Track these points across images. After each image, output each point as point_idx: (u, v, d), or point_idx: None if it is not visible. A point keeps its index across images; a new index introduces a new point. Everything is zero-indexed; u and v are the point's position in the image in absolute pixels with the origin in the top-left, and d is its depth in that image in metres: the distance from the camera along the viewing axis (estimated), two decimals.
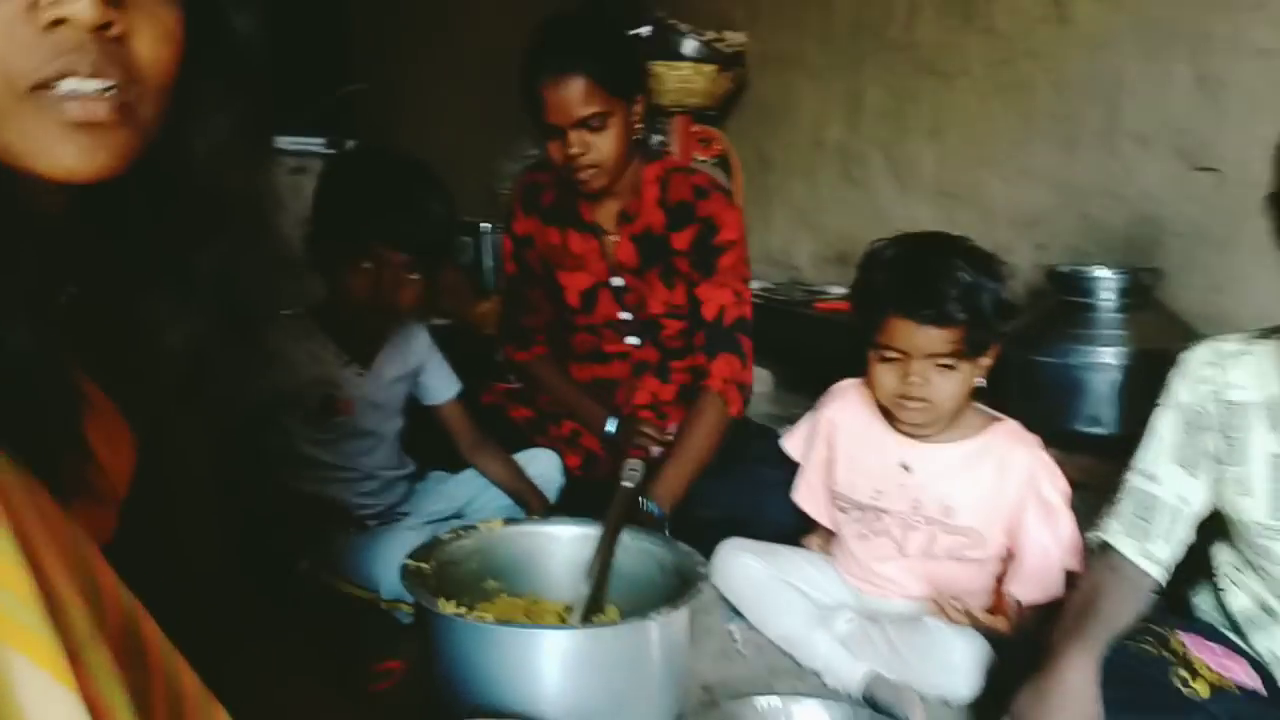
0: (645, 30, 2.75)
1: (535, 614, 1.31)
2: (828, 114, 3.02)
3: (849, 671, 1.27)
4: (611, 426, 1.90)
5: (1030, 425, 2.13)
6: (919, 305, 1.27)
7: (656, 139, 3.03)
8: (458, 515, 1.66)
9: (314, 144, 2.79)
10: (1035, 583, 1.31)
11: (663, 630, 1.08)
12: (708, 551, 1.64)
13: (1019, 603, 1.32)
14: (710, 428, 1.76)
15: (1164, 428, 1.15)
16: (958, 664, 1.25)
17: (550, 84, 1.67)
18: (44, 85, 0.59)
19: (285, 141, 2.74)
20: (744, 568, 1.42)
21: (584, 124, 1.68)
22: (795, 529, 1.61)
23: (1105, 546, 1.15)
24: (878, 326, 1.32)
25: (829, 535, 1.51)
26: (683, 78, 2.97)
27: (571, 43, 1.72)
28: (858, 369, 1.41)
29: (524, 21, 3.26)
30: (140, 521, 0.77)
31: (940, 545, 1.35)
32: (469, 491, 1.70)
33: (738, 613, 1.47)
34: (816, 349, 2.63)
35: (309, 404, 1.57)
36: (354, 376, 1.61)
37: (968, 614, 1.32)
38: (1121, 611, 1.10)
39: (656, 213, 1.87)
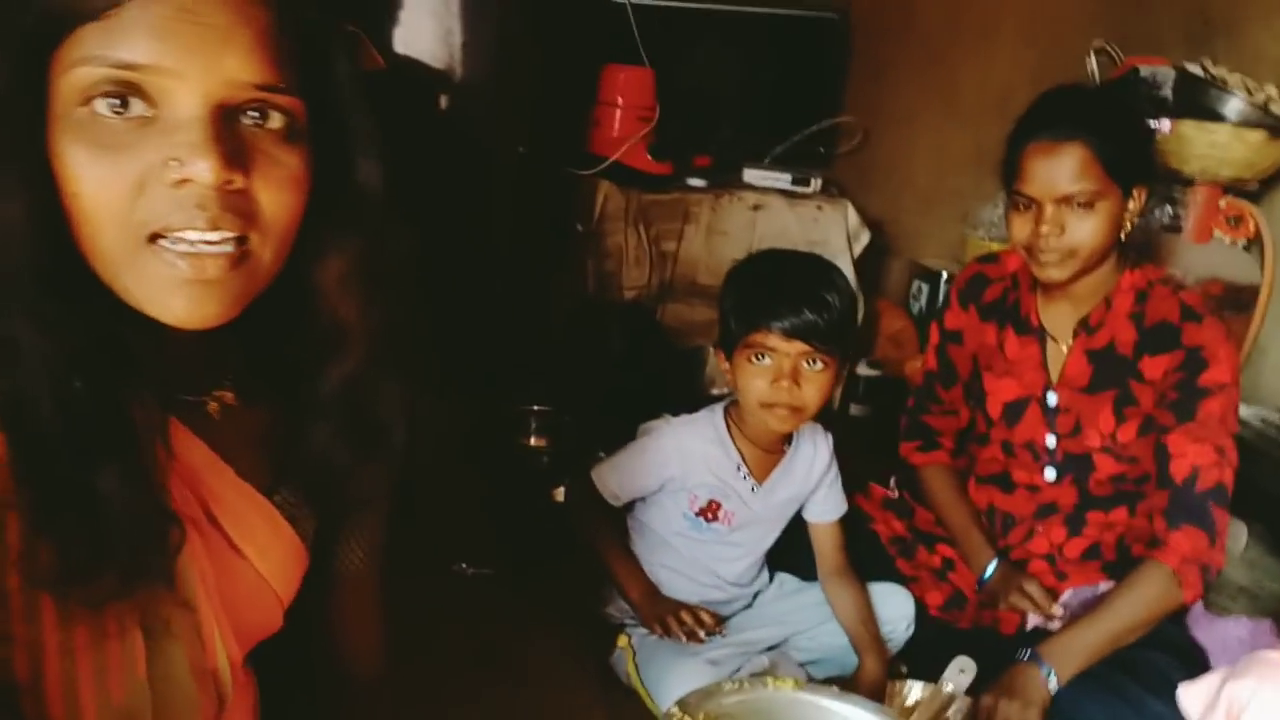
0: (1165, 126, 2.31)
1: None
2: None
3: None
4: (991, 569, 1.67)
5: None
6: None
7: (1168, 211, 2.56)
8: (782, 644, 1.58)
9: (778, 179, 2.79)
10: None
11: None
12: None
13: None
14: (1150, 604, 1.48)
15: None
16: None
17: (1039, 148, 1.49)
18: (162, 234, 0.62)
19: (751, 176, 2.80)
20: None
21: (1067, 201, 1.47)
22: None
23: None
24: None
25: None
26: (1216, 143, 2.43)
27: (1077, 108, 1.54)
28: None
29: (1033, 62, 2.96)
30: (303, 622, 0.83)
31: None
32: (807, 621, 1.60)
33: None
34: None
35: (695, 501, 1.57)
36: (745, 490, 1.57)
37: None
38: None
39: (1127, 328, 1.58)
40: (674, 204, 2.73)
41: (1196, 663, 1.48)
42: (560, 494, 1.96)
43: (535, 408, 2.33)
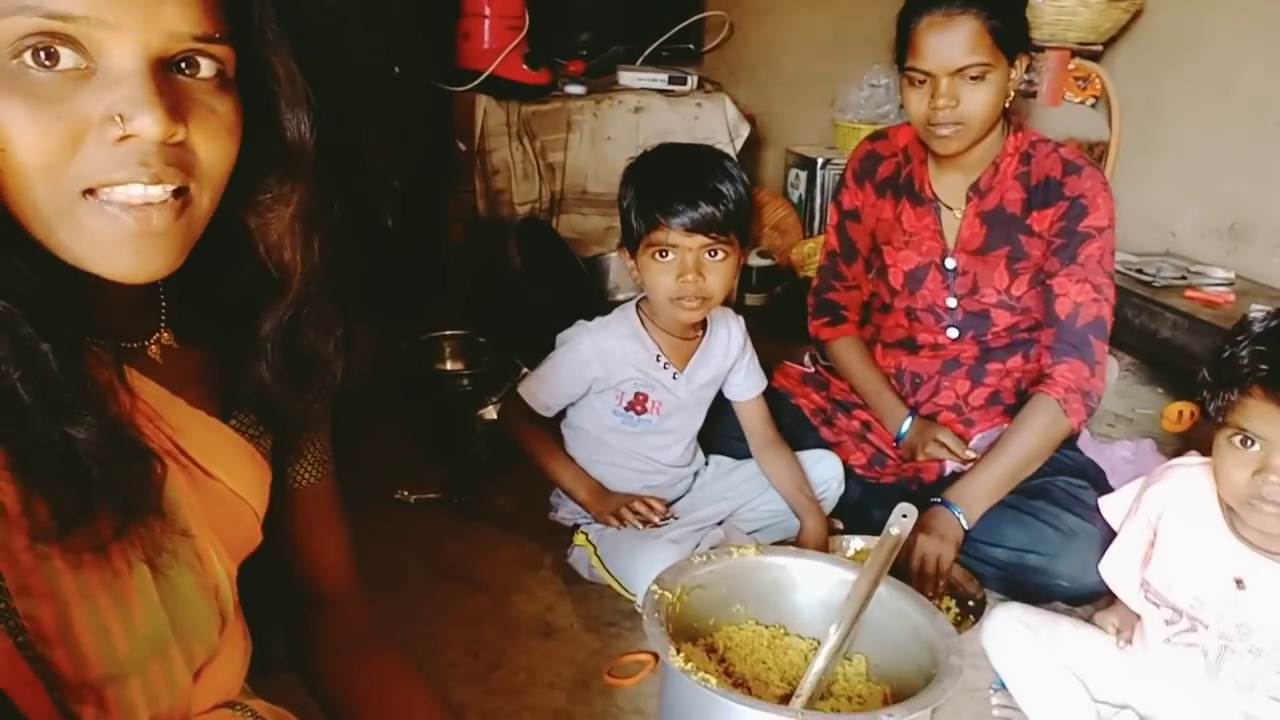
0: None
1: (778, 648, 1.30)
2: (1244, 53, 2.50)
3: None
4: (907, 426, 1.79)
5: None
6: None
7: (1024, 77, 2.70)
8: (729, 518, 1.67)
9: (655, 80, 2.80)
10: None
11: None
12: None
13: None
14: (1040, 435, 1.61)
15: None
16: None
17: (932, 23, 1.54)
18: (98, 189, 0.61)
19: (628, 79, 2.79)
20: (1018, 641, 1.29)
21: (960, 74, 1.54)
22: (1092, 595, 1.43)
23: None
24: (1234, 405, 1.10)
25: (1130, 619, 1.32)
26: (1064, 8, 2.59)
27: None
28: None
29: None
30: (275, 535, 0.86)
31: (1264, 683, 1.13)
32: (746, 493, 1.69)
33: None
34: (1180, 346, 2.27)
35: (622, 398, 1.61)
36: (668, 379, 1.62)
37: None
38: None
39: (1014, 188, 1.69)
40: (556, 113, 2.71)
41: (1099, 482, 1.64)
42: (491, 413, 1.97)
43: (447, 333, 2.32)
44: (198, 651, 0.74)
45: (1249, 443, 1.09)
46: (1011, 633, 1.30)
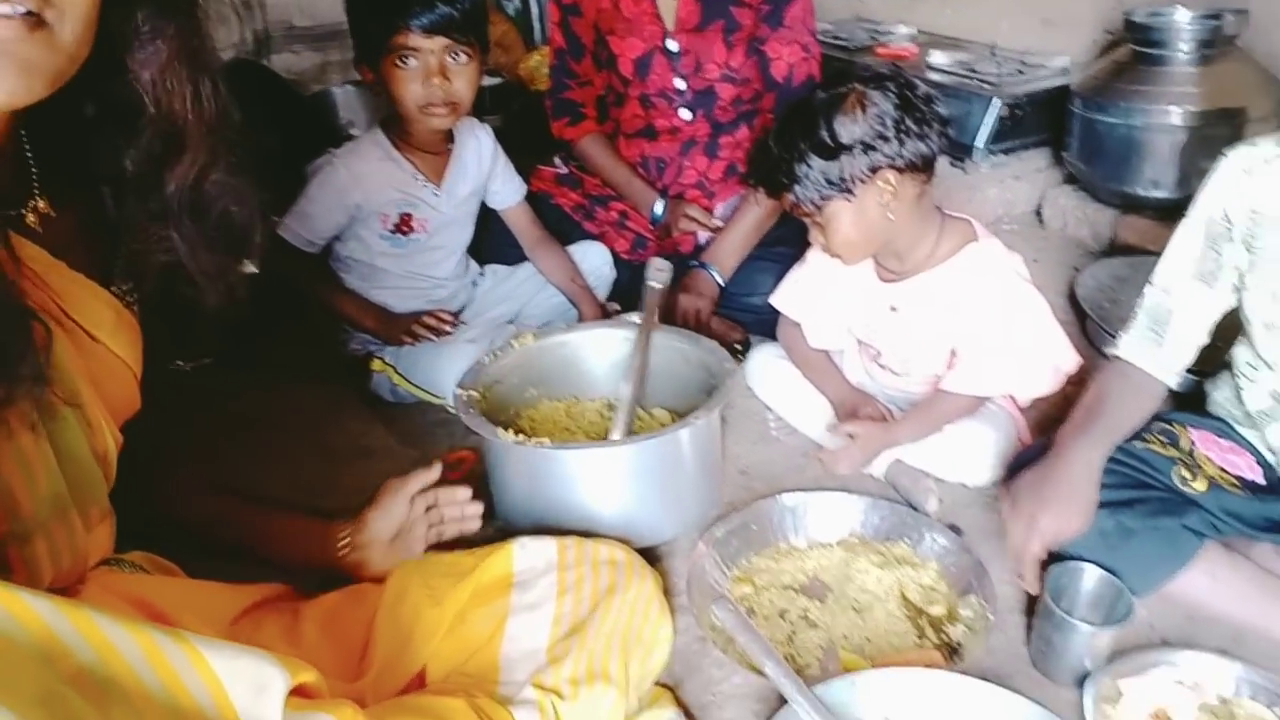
0: None
1: (576, 414, 1.42)
2: None
3: (875, 460, 1.39)
4: (659, 209, 1.93)
5: (1090, 184, 2.09)
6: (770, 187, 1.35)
7: None
8: (515, 317, 1.76)
9: None
10: (980, 378, 1.35)
11: (696, 433, 1.19)
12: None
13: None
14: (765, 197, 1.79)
15: (1186, 240, 1.14)
16: (977, 450, 1.35)
17: None
18: None
19: None
20: (774, 373, 1.53)
21: None
22: None
23: (1117, 357, 1.19)
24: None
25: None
26: None
27: None
28: None
29: None
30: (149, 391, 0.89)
31: (936, 366, 1.41)
32: (526, 293, 1.78)
33: None
34: None
35: (387, 220, 1.62)
36: (429, 196, 1.64)
37: None
38: (1129, 415, 1.15)
39: None
40: None
41: None
42: (249, 267, 1.91)
43: None
44: (93, 514, 0.77)
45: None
46: (768, 366, 1.54)
